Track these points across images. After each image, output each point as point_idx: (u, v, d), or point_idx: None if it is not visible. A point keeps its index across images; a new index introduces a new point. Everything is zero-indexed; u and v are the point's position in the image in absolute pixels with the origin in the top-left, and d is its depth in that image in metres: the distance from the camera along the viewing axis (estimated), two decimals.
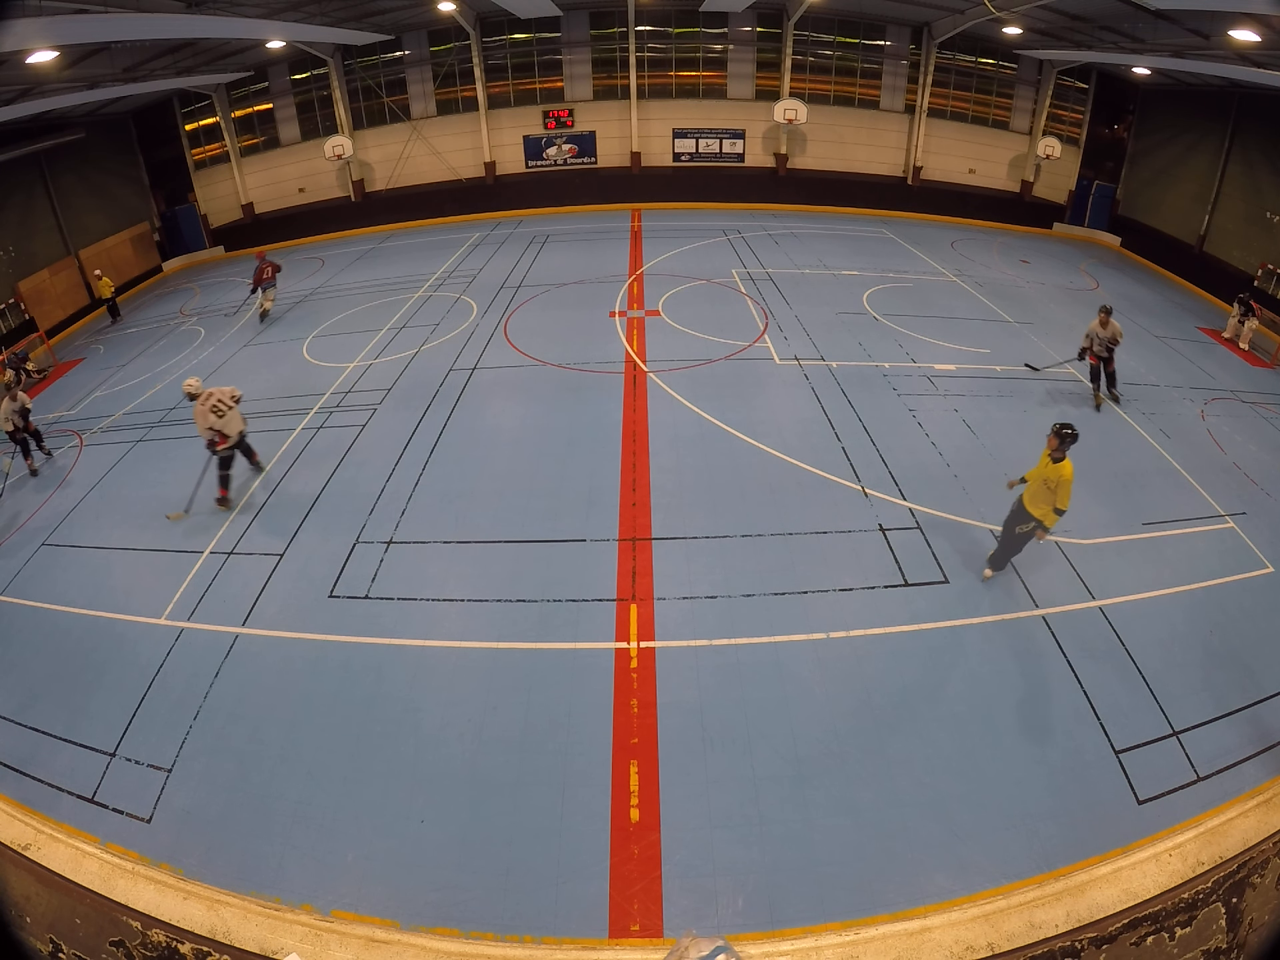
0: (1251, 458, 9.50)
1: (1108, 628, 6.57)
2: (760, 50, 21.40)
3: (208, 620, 6.94)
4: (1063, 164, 21.46)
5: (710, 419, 9.81)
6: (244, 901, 1.76)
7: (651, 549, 7.49)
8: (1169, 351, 13.24)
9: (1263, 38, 11.14)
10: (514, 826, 4.95)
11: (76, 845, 1.87)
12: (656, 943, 4.29)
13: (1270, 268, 15.76)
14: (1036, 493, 6.24)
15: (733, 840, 4.83)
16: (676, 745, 5.46)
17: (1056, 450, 6.09)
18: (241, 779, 5.42)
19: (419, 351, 12.45)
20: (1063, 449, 6.08)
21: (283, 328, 14.55)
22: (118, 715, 6.00)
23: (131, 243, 20.15)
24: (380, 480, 8.84)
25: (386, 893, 4.62)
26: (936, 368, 11.47)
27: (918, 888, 4.55)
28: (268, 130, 21.84)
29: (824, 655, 6.21)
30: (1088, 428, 10.00)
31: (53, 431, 11.53)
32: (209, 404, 8.35)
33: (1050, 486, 6.08)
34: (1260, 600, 7.04)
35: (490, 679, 6.13)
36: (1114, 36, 16.03)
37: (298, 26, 15.41)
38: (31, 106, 13.67)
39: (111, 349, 15.35)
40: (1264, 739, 5.61)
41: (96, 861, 1.83)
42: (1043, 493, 6.17)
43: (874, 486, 8.44)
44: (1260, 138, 16.49)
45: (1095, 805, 5.09)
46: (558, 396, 10.64)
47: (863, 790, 5.14)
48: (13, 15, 8.43)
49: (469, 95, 21.43)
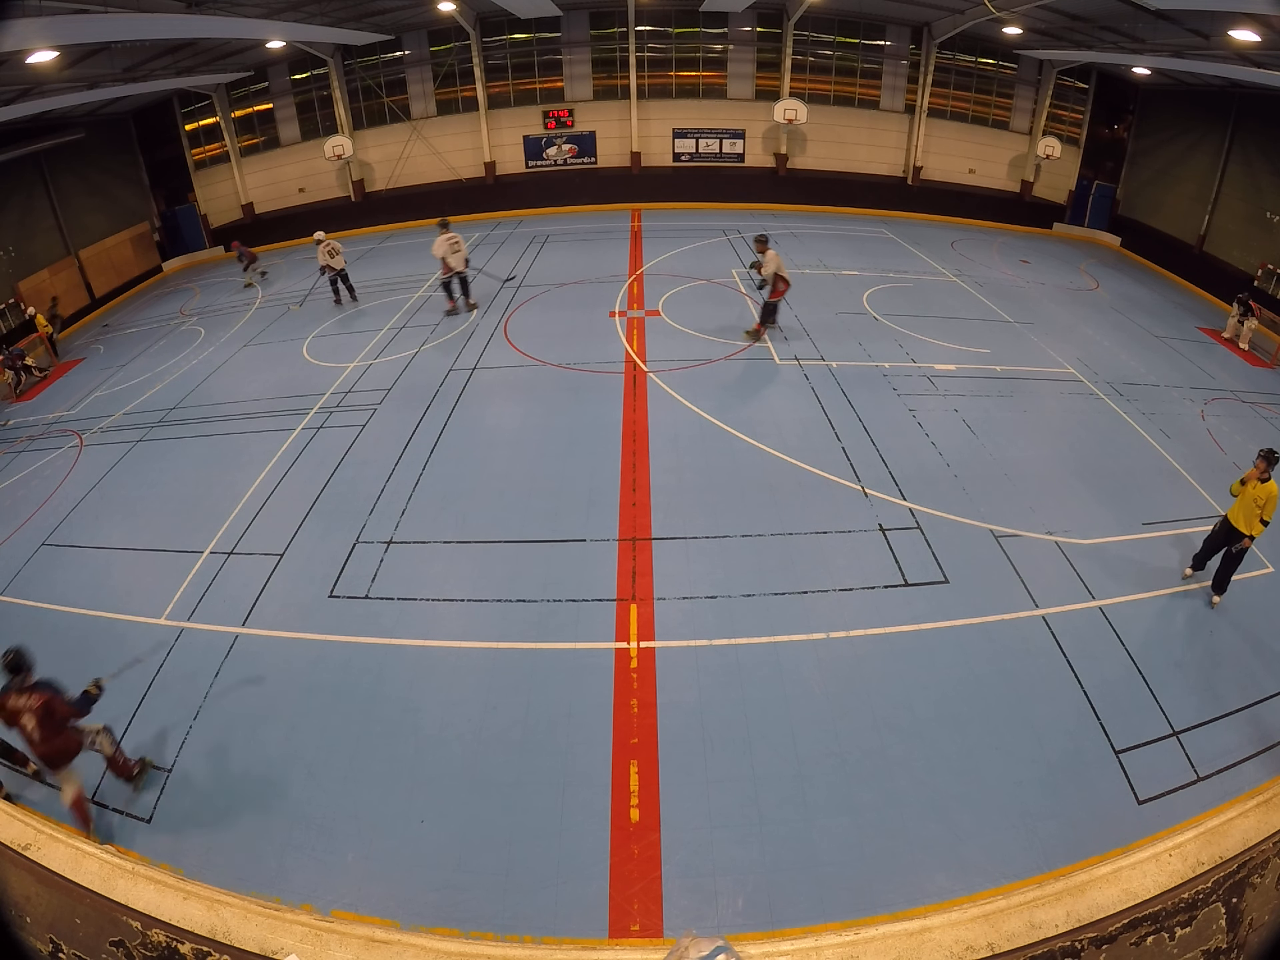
0: (1251, 458, 9.44)
1: (1108, 628, 6.58)
2: (760, 50, 21.40)
3: (208, 620, 6.94)
4: (1063, 164, 21.46)
5: (710, 419, 9.81)
6: (244, 901, 1.76)
7: (651, 549, 7.49)
8: (1169, 351, 13.25)
9: (1263, 38, 11.14)
10: (514, 826, 4.95)
11: (76, 845, 1.87)
12: (656, 943, 4.29)
13: (1270, 268, 15.76)
14: (1247, 511, 6.62)
15: (733, 840, 4.83)
16: (676, 745, 5.47)
17: (1264, 472, 6.49)
18: (241, 779, 5.42)
19: (419, 351, 12.45)
20: (1269, 470, 6.49)
21: (283, 328, 14.55)
22: (118, 715, 6.00)
23: (131, 243, 20.13)
24: (380, 480, 8.84)
25: (386, 893, 4.62)
26: (936, 368, 11.47)
27: (918, 888, 4.55)
28: (268, 130, 21.83)
29: (824, 655, 6.21)
30: (1087, 428, 10.06)
31: (53, 431, 11.53)
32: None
33: (1259, 504, 6.52)
34: (1260, 600, 7.05)
35: (490, 679, 6.13)
36: (1114, 36, 16.03)
37: (298, 26, 15.41)
38: (31, 106, 13.66)
39: (111, 349, 15.35)
40: (1264, 739, 5.61)
41: (96, 861, 1.82)
42: (1252, 510, 6.59)
43: (874, 486, 8.44)
44: (1260, 138, 16.49)
45: (1095, 805, 5.09)
46: (558, 396, 10.63)
47: (863, 790, 5.14)
48: (13, 15, 8.43)
49: (469, 95, 21.43)
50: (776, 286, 11.77)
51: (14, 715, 4.91)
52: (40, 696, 4.91)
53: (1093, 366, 11.92)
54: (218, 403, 11.53)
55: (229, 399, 11.60)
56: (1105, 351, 12.73)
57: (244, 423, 10.69)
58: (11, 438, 11.65)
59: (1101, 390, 11.06)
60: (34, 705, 4.88)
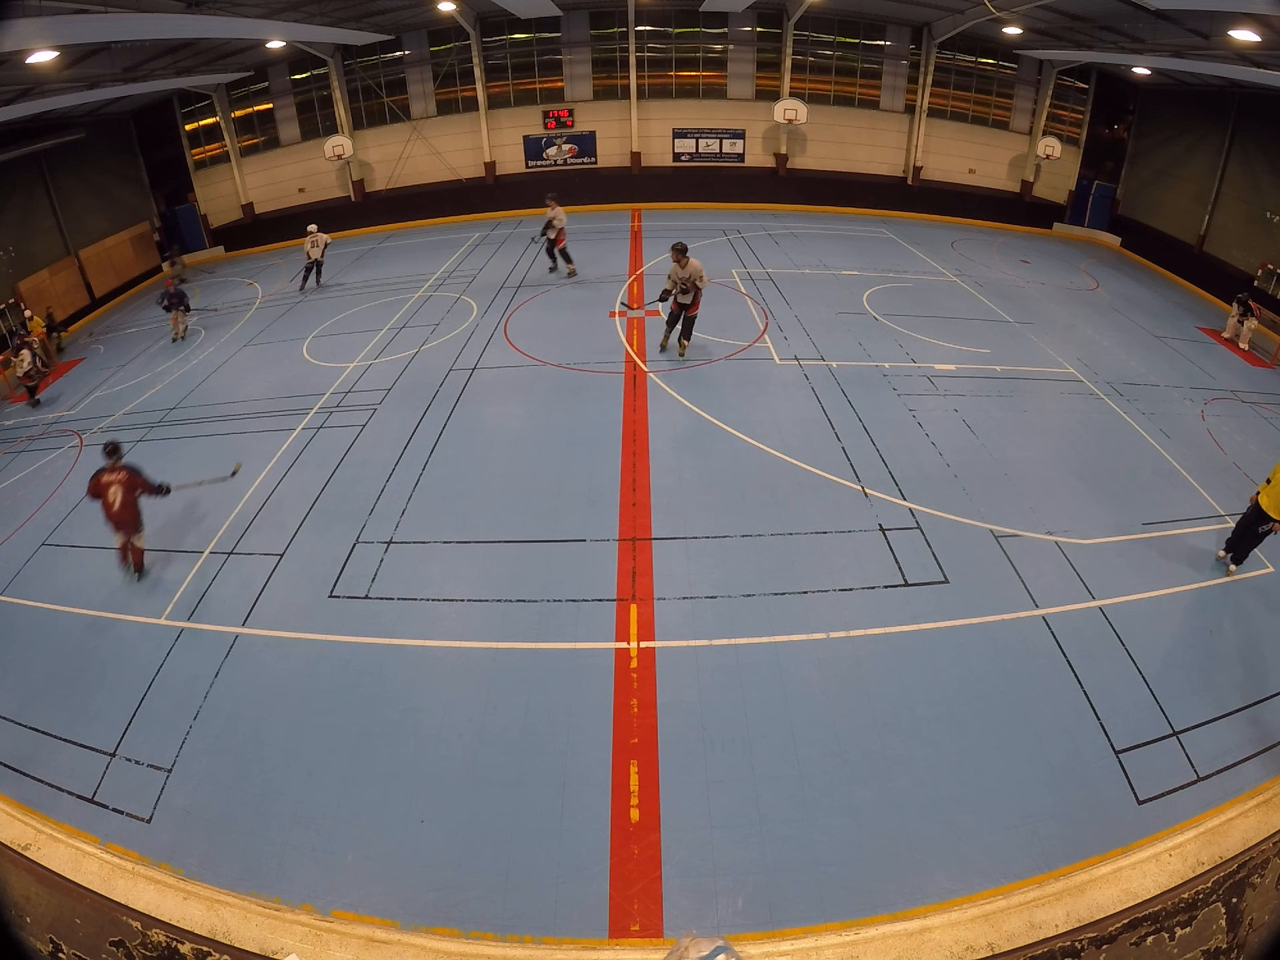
0: (1251, 458, 9.50)
1: (1108, 628, 6.57)
2: (760, 50, 21.40)
3: (208, 620, 6.94)
4: (1063, 164, 21.47)
5: (710, 419, 9.80)
6: (244, 901, 1.76)
7: (651, 549, 7.49)
8: (1169, 351, 13.25)
9: (1263, 38, 11.15)
10: (514, 826, 4.95)
11: (76, 845, 1.87)
12: (656, 943, 4.29)
13: (1270, 268, 15.77)
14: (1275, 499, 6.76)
15: (733, 840, 4.83)
16: (676, 745, 5.46)
17: None
18: (241, 779, 5.42)
19: (419, 351, 12.45)
20: None
21: (283, 328, 14.55)
22: (118, 715, 6.01)
23: (131, 243, 20.14)
24: (380, 480, 8.84)
25: (386, 893, 4.61)
26: (936, 368, 11.47)
27: (918, 888, 4.55)
28: (268, 130, 21.83)
29: (824, 655, 6.21)
30: (1087, 428, 10.06)
31: (53, 431, 11.54)
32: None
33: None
34: (1260, 600, 7.05)
35: (490, 679, 6.13)
36: (1114, 36, 16.04)
37: (298, 26, 15.41)
38: (31, 106, 13.66)
39: (111, 349, 15.36)
40: (1264, 739, 5.61)
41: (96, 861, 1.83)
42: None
43: (874, 486, 8.44)
44: (1260, 138, 16.49)
45: (1095, 805, 5.09)
46: (558, 396, 10.63)
47: (863, 790, 5.13)
48: (13, 15, 8.43)
49: (469, 95, 21.43)
50: (696, 299, 10.71)
51: (104, 487, 6.97)
52: (125, 473, 7.03)
53: (1093, 366, 11.92)
54: (218, 403, 11.53)
55: (229, 399, 11.60)
56: (1105, 351, 12.73)
57: (244, 423, 10.69)
58: (12, 438, 11.65)
59: (1101, 390, 11.06)
60: (120, 479, 7.00)
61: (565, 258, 15.52)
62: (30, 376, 12.97)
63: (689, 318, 10.72)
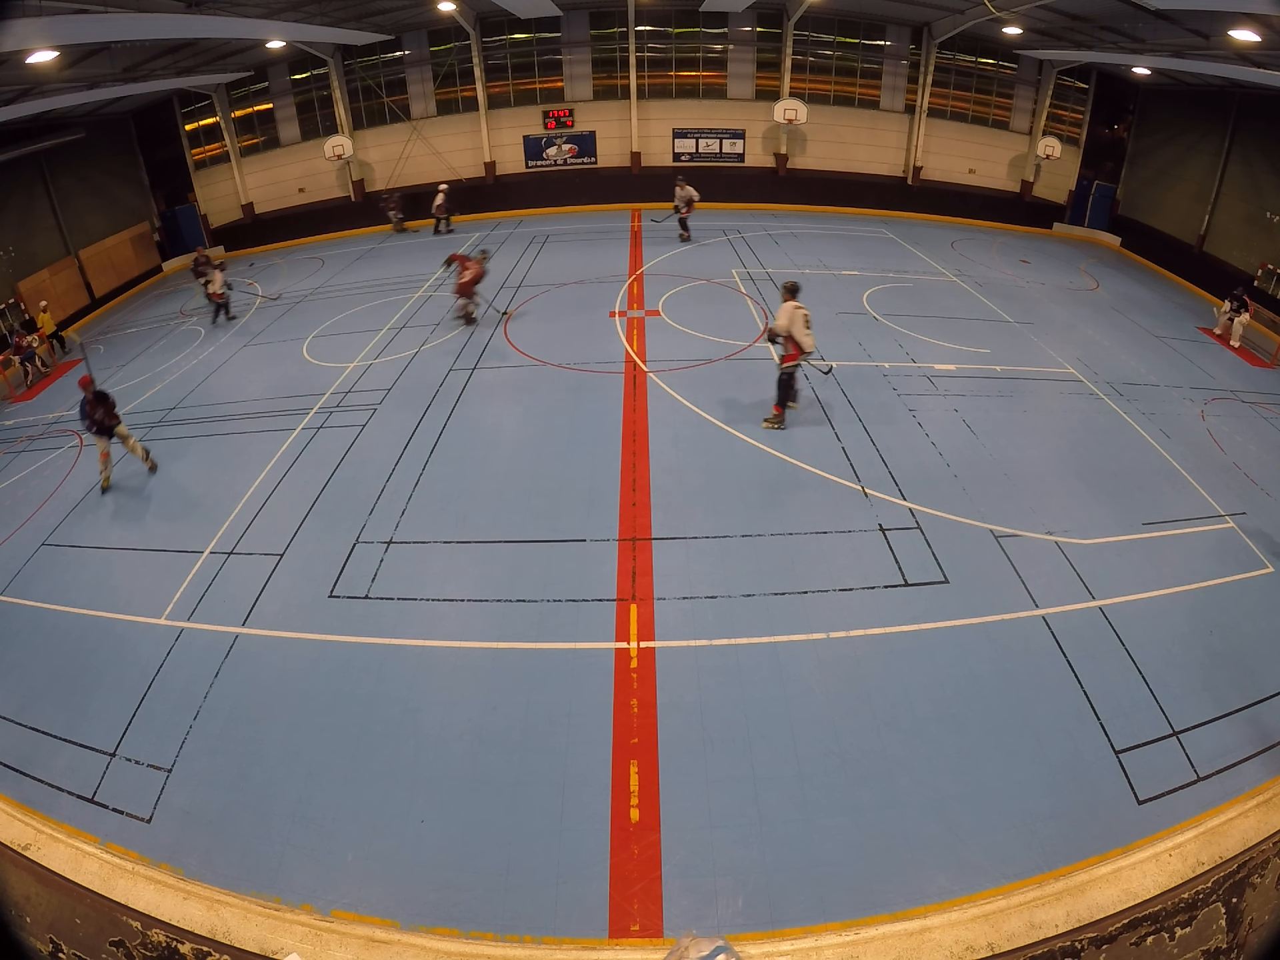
0: (1251, 458, 9.51)
1: (1108, 628, 6.57)
2: (760, 50, 21.39)
3: (208, 620, 6.94)
4: (1063, 164, 21.46)
5: (710, 419, 9.80)
6: (244, 901, 1.76)
7: (651, 549, 7.49)
8: (1169, 351, 13.24)
9: (1263, 38, 11.14)
10: (514, 826, 4.95)
11: (76, 845, 1.87)
12: (656, 943, 4.29)
13: (1270, 268, 15.76)
14: None
15: (733, 840, 4.83)
16: (676, 745, 5.46)
17: None
18: (241, 779, 5.42)
19: (419, 351, 12.45)
20: None
21: (283, 328, 14.55)
22: (118, 715, 6.00)
23: (131, 243, 20.13)
24: (380, 480, 8.84)
25: (386, 893, 4.61)
26: (936, 368, 11.47)
27: (918, 888, 4.55)
28: (268, 130, 21.83)
29: (824, 655, 6.21)
30: (1087, 428, 10.06)
31: (53, 431, 11.53)
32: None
33: None
34: (1260, 600, 7.04)
35: (490, 679, 6.13)
36: (1114, 36, 16.03)
37: (298, 26, 15.41)
38: (31, 106, 13.66)
39: (111, 349, 15.35)
40: (1264, 739, 5.61)
41: (96, 861, 1.83)
42: None
43: (874, 486, 8.43)
44: (1260, 138, 16.49)
45: (1095, 805, 5.09)
46: (558, 396, 10.63)
47: (863, 790, 5.13)
48: (13, 15, 8.43)
49: (469, 95, 21.42)
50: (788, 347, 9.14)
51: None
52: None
53: (1093, 366, 11.92)
54: (218, 403, 11.53)
55: (229, 399, 11.59)
56: (1105, 351, 12.72)
57: (244, 423, 10.69)
58: (12, 438, 11.65)
59: (1101, 390, 11.06)
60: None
61: (683, 226, 18.01)
62: (221, 295, 14.79)
63: (780, 375, 8.95)
